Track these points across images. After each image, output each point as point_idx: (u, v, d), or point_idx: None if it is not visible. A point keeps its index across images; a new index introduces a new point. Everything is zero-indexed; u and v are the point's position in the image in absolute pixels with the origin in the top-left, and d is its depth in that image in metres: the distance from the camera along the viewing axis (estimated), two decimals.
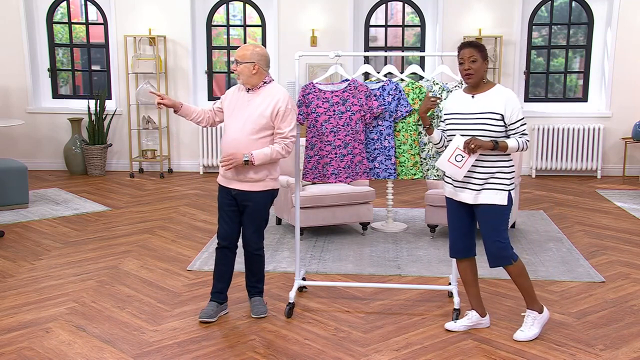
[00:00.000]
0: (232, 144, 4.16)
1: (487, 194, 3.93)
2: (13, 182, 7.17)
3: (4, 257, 5.63)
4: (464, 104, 3.98)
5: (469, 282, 4.23)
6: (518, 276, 4.04)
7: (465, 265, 4.21)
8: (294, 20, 9.10)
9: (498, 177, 3.93)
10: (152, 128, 9.26)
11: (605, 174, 9.22)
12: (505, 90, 3.94)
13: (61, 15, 9.48)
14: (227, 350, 3.94)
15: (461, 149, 3.87)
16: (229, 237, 4.32)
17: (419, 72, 4.53)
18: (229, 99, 4.30)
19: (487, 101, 3.90)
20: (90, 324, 4.29)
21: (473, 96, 3.96)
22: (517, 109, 3.89)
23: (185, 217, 6.96)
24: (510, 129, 3.90)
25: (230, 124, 4.22)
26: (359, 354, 3.89)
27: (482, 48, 3.93)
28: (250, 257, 4.39)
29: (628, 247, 5.98)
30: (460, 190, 4.01)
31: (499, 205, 3.93)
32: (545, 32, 9.30)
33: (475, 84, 3.95)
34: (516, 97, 3.93)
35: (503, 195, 3.92)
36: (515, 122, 3.89)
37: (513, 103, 3.88)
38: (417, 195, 8.02)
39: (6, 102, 9.37)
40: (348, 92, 4.41)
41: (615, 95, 9.08)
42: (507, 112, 3.87)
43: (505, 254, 3.98)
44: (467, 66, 3.90)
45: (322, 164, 4.46)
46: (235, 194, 4.23)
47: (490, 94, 3.93)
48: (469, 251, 4.18)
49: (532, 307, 4.11)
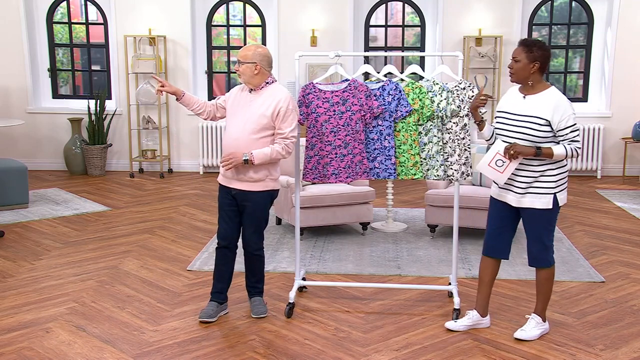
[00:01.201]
0: (233, 143, 4.16)
1: (530, 197, 3.90)
2: (13, 182, 7.17)
3: (4, 257, 5.63)
4: (514, 103, 3.94)
5: (485, 281, 4.22)
6: (546, 280, 4.06)
7: (489, 265, 4.20)
8: (294, 20, 9.10)
9: (542, 181, 3.88)
10: (152, 128, 9.26)
11: (605, 174, 9.21)
12: (557, 95, 3.85)
13: (61, 15, 9.48)
14: (227, 350, 3.94)
15: (501, 154, 3.84)
16: (228, 237, 4.32)
17: (419, 72, 4.53)
18: (232, 98, 4.31)
19: (536, 104, 3.84)
20: (90, 324, 4.29)
21: (525, 97, 3.92)
22: (568, 115, 3.80)
23: (185, 217, 6.96)
24: (559, 135, 3.83)
25: (232, 123, 4.22)
26: (359, 354, 3.89)
27: (532, 49, 3.83)
28: (250, 257, 4.39)
29: (628, 247, 5.98)
30: (504, 191, 4.01)
31: (543, 209, 3.90)
32: (545, 32, 9.30)
33: (519, 83, 3.92)
34: (568, 103, 3.84)
35: (547, 198, 3.88)
36: (564, 128, 3.81)
37: (563, 109, 3.80)
38: (417, 195, 8.03)
39: (6, 102, 9.37)
40: (348, 92, 4.41)
41: (615, 95, 9.07)
42: (554, 118, 3.79)
43: (543, 256, 4.00)
44: (510, 65, 3.89)
45: (322, 164, 4.46)
46: (235, 193, 4.23)
47: (541, 97, 3.86)
48: (502, 252, 4.15)
49: (539, 314, 4.12)
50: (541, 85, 3.91)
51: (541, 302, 4.10)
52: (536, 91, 3.90)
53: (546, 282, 4.06)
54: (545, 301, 4.10)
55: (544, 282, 4.06)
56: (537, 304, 4.12)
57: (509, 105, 3.97)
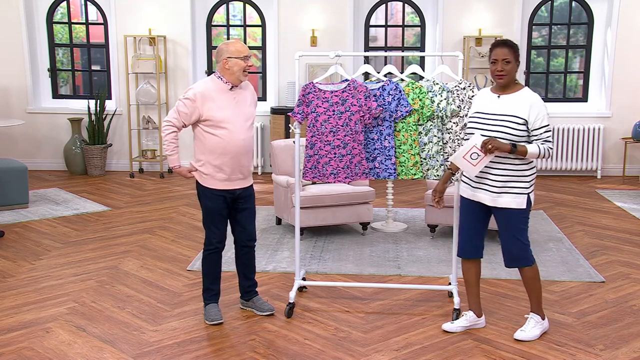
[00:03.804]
0: (242, 144, 4.15)
1: (507, 197, 3.91)
2: (13, 182, 7.17)
3: (4, 257, 5.63)
4: (489, 103, 3.95)
5: (471, 282, 4.23)
6: (532, 279, 4.05)
7: (471, 266, 4.21)
8: (294, 20, 9.10)
9: (517, 181, 3.90)
10: (152, 128, 9.26)
11: (605, 174, 9.21)
12: (532, 94, 3.88)
13: (61, 15, 9.48)
14: (227, 350, 3.94)
15: (478, 148, 3.85)
16: (223, 239, 4.31)
17: (419, 72, 4.53)
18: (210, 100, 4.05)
19: (512, 104, 3.86)
20: (90, 324, 4.29)
21: (499, 96, 3.93)
22: (543, 115, 3.83)
23: (185, 217, 6.96)
24: (533, 135, 3.85)
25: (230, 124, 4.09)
26: (359, 354, 3.89)
27: (516, 48, 3.88)
28: (250, 250, 4.43)
29: (628, 247, 5.98)
30: (478, 190, 4.00)
31: (519, 208, 3.92)
32: (545, 32, 9.30)
33: (505, 85, 3.92)
34: (542, 103, 3.87)
35: (522, 198, 3.90)
36: (539, 128, 3.83)
37: (538, 108, 3.83)
38: (417, 195, 8.02)
39: (6, 102, 9.37)
40: (347, 92, 4.41)
41: (615, 95, 9.07)
42: (531, 118, 3.82)
43: (525, 255, 3.99)
44: (501, 67, 3.86)
45: (321, 164, 4.46)
46: (239, 193, 4.24)
47: (516, 97, 3.88)
48: (478, 252, 4.16)
49: (536, 312, 4.12)
50: (517, 85, 3.95)
51: (535, 300, 4.11)
52: (511, 91, 3.92)
53: (534, 281, 4.05)
54: (538, 298, 4.10)
55: (532, 280, 4.05)
56: (532, 303, 4.13)
57: (483, 106, 3.97)
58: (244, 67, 4.07)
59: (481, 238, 4.15)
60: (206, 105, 4.05)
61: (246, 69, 4.08)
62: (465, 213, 4.13)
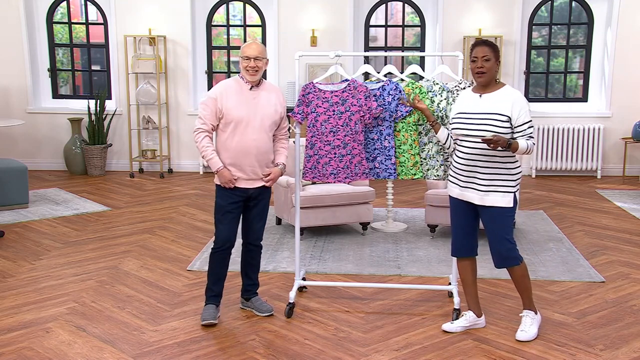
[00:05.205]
0: (253, 144, 4.14)
1: (494, 196, 3.92)
2: (13, 182, 7.17)
3: (4, 257, 5.63)
4: (471, 103, 3.98)
5: (468, 282, 4.23)
6: (522, 277, 4.05)
7: (466, 265, 4.22)
8: (294, 20, 9.10)
9: (504, 179, 3.91)
10: (152, 128, 9.26)
11: (605, 174, 9.22)
12: (514, 91, 3.92)
13: (61, 15, 9.48)
14: (227, 350, 3.94)
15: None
16: (232, 239, 4.31)
17: (419, 72, 4.53)
18: (230, 99, 4.14)
19: (495, 101, 3.89)
20: (90, 324, 4.29)
21: (481, 95, 3.96)
22: (525, 111, 3.86)
23: (185, 217, 6.96)
24: (517, 131, 3.87)
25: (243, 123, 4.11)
26: (359, 354, 3.89)
27: (496, 48, 3.94)
28: (256, 250, 4.45)
29: (628, 247, 5.98)
30: (466, 190, 4.00)
31: (506, 207, 3.93)
32: (545, 32, 9.30)
33: (486, 83, 3.95)
34: (524, 99, 3.91)
35: (509, 197, 3.92)
36: (522, 124, 3.86)
37: (520, 105, 3.86)
38: (417, 195, 8.02)
39: (6, 102, 9.37)
40: (347, 93, 4.41)
41: (615, 95, 9.07)
42: (514, 114, 3.84)
43: (513, 254, 4.00)
44: (480, 64, 3.90)
45: (321, 164, 4.46)
46: (251, 193, 4.25)
47: (498, 95, 3.91)
48: (471, 250, 4.18)
49: (529, 308, 4.13)
50: (498, 84, 3.98)
51: (526, 297, 4.12)
52: (492, 89, 3.95)
53: (523, 278, 4.06)
54: (529, 295, 4.11)
55: (522, 278, 4.06)
56: (524, 300, 4.14)
57: (465, 106, 3.99)
58: (245, 67, 4.15)
59: (473, 236, 4.16)
60: (224, 102, 4.14)
61: (248, 68, 4.13)
62: (455, 212, 4.14)
